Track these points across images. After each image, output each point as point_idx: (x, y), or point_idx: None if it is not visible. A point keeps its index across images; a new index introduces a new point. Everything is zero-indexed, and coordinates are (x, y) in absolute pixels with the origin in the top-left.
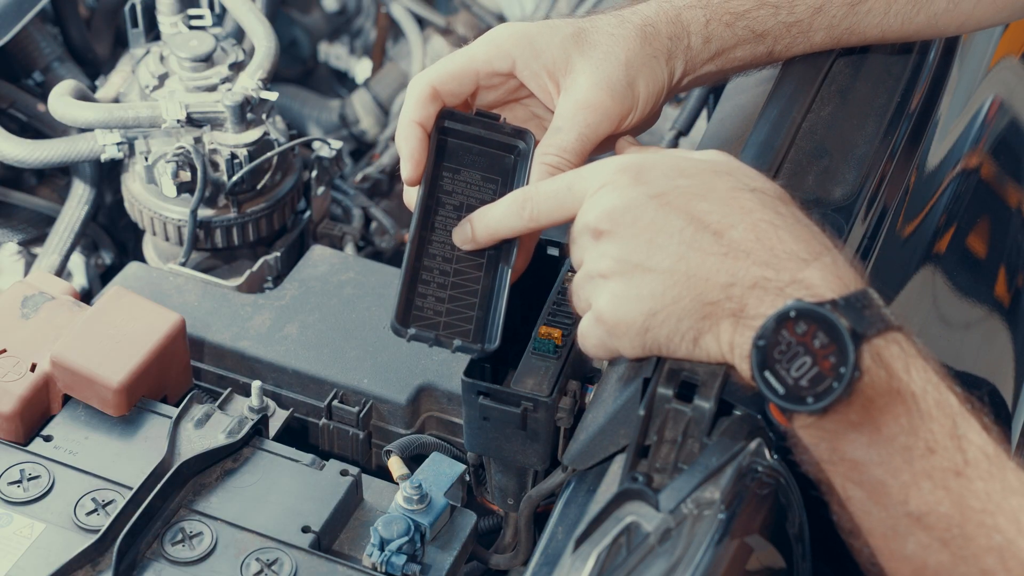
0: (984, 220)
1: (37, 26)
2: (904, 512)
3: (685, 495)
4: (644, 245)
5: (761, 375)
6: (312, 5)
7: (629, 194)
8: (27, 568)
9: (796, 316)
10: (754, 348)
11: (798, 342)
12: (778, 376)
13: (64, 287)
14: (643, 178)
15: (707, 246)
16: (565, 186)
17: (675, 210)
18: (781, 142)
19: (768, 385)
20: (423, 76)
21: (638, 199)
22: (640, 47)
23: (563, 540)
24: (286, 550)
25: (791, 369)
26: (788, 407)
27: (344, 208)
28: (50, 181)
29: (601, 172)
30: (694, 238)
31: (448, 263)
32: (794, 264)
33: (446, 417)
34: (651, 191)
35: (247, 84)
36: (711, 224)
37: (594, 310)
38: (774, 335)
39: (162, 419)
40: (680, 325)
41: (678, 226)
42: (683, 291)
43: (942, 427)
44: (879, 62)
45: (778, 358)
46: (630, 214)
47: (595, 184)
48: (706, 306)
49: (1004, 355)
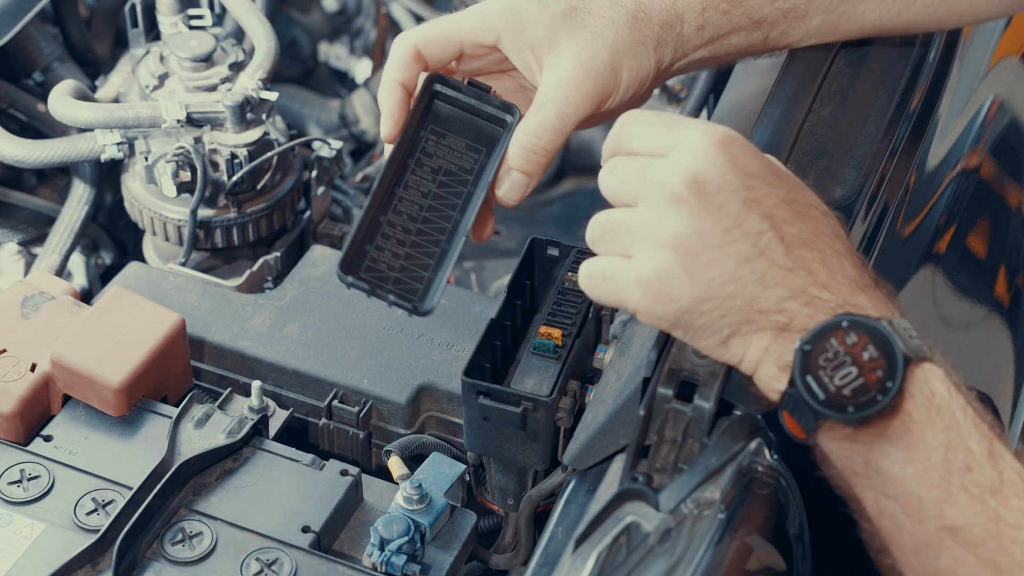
0: (984, 220)
1: (37, 26)
2: (939, 526)
3: (685, 495)
4: (720, 234)
5: (802, 378)
6: (312, 5)
7: (726, 177)
8: (27, 568)
9: (848, 326)
10: (798, 352)
11: (846, 352)
12: (820, 382)
13: (64, 287)
14: (742, 165)
15: (777, 257)
16: (664, 125)
17: (761, 211)
18: (782, 142)
19: (808, 389)
20: (407, 36)
21: (732, 185)
22: (629, 32)
23: (563, 540)
24: (286, 550)
25: (835, 377)
26: (827, 413)
27: (344, 208)
28: (50, 181)
29: (706, 134)
30: (768, 245)
31: (413, 222)
32: (848, 289)
33: (446, 417)
34: (743, 182)
35: (247, 84)
36: (787, 236)
37: (637, 265)
38: (821, 341)
39: (162, 419)
40: (720, 321)
41: (758, 228)
42: (739, 291)
43: (980, 446)
44: (879, 62)
45: (823, 365)
46: (719, 197)
47: (694, 142)
48: (755, 312)
49: (1004, 355)
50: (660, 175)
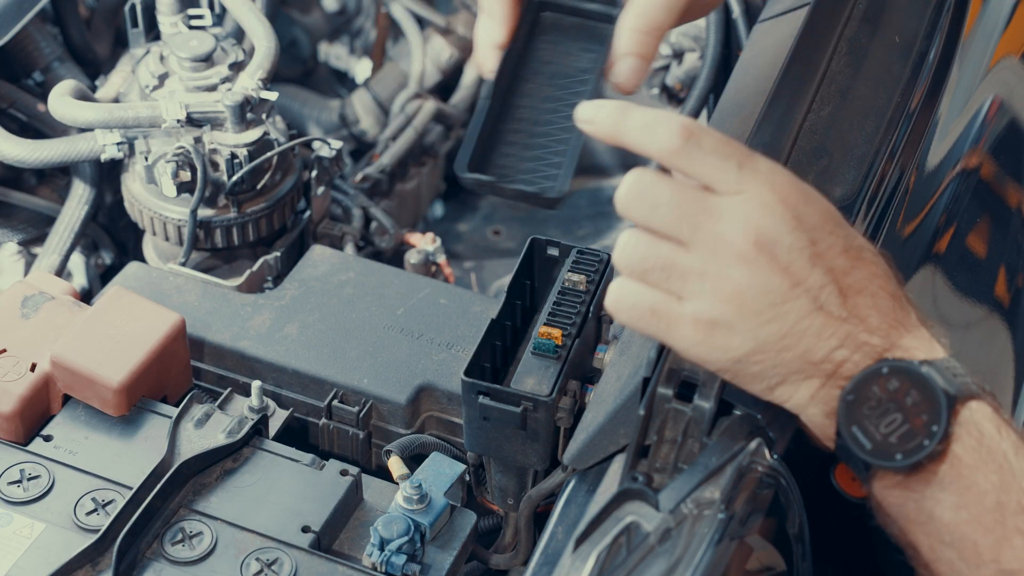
0: (984, 220)
1: (37, 26)
2: (996, 570)
3: (685, 495)
4: (785, 291)
5: (848, 430)
6: (312, 5)
7: (794, 235)
8: (27, 568)
9: (889, 373)
10: (842, 402)
11: (889, 399)
12: (866, 431)
13: (64, 287)
14: (806, 220)
15: (834, 309)
16: (736, 162)
17: (824, 265)
18: (782, 142)
19: (855, 440)
20: None
21: (800, 243)
22: None
23: (563, 540)
24: (286, 550)
25: (880, 425)
26: (876, 463)
27: (344, 208)
28: (50, 181)
29: (773, 187)
30: (827, 298)
31: (535, 126)
32: (896, 332)
33: (446, 417)
34: (809, 237)
35: (247, 84)
36: (844, 286)
37: (692, 311)
38: (864, 390)
39: (162, 419)
40: (771, 371)
41: (820, 283)
42: (794, 343)
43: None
44: (879, 62)
45: (867, 414)
46: (787, 256)
47: (762, 196)
48: (806, 363)
49: (1004, 355)
50: (722, 228)
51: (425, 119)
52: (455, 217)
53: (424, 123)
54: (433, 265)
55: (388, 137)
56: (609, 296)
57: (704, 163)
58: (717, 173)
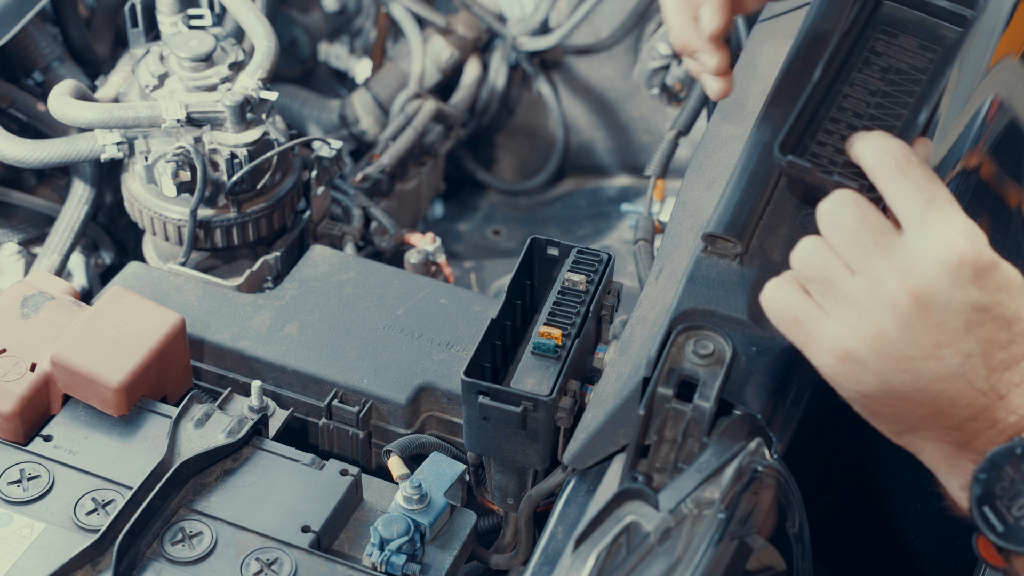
0: (984, 220)
1: (37, 26)
2: None
3: (685, 495)
4: (929, 348)
5: (979, 510)
6: (312, 5)
7: (956, 296)
8: (27, 568)
9: (1022, 453)
10: (975, 481)
11: (1022, 480)
12: (998, 513)
13: (64, 287)
14: (980, 284)
15: (976, 380)
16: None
17: (980, 335)
18: None
19: (986, 521)
20: None
21: (960, 306)
22: None
23: (563, 540)
24: (286, 550)
25: (1012, 507)
26: (1007, 547)
27: (344, 208)
28: (50, 181)
29: (952, 245)
30: (973, 368)
31: (859, 119)
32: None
33: (446, 417)
34: (973, 302)
35: (247, 84)
36: (993, 361)
37: (833, 331)
38: (996, 470)
39: (162, 419)
40: (898, 418)
41: (969, 351)
42: (927, 402)
43: None
44: None
45: (999, 494)
46: (942, 315)
47: (937, 254)
48: (936, 425)
49: None
50: (887, 267)
51: (425, 119)
52: (455, 217)
53: (424, 123)
54: (433, 265)
55: (388, 137)
56: (765, 292)
57: (900, 190)
58: (906, 204)
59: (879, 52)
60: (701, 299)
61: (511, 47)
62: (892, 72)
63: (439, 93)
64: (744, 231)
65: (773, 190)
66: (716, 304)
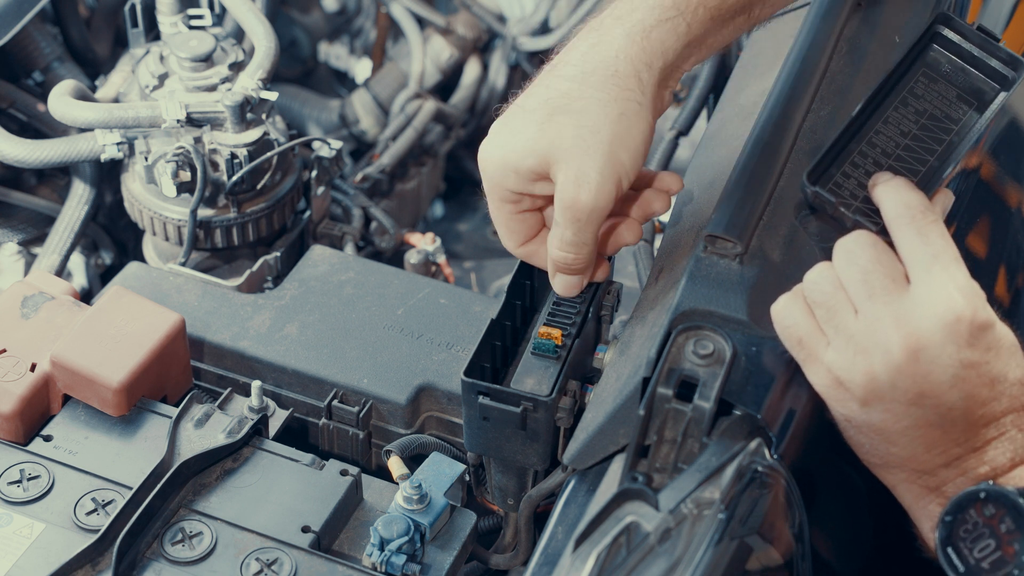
0: (984, 220)
1: (37, 26)
2: None
3: (685, 495)
4: (913, 396)
5: (943, 550)
6: (312, 5)
7: (947, 351)
8: (27, 568)
9: (986, 498)
10: (940, 523)
11: (984, 523)
12: (960, 554)
13: (64, 287)
14: (972, 344)
15: (954, 433)
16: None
17: (964, 390)
18: (782, 142)
19: (949, 561)
20: None
21: (949, 360)
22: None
23: (563, 540)
24: (286, 550)
25: (974, 550)
26: None
27: (344, 208)
28: (50, 181)
29: (954, 289)
30: (952, 421)
31: (886, 157)
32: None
33: (446, 417)
34: (963, 359)
35: (247, 84)
36: (974, 416)
37: (830, 357)
38: (962, 513)
39: (162, 419)
40: (874, 452)
41: (950, 404)
42: (904, 444)
43: None
44: (879, 62)
45: (963, 536)
46: (930, 366)
47: (935, 311)
48: (909, 468)
49: None
50: (886, 312)
51: (425, 119)
52: (455, 217)
53: (424, 123)
54: (433, 265)
55: (388, 137)
56: (776, 305)
57: (910, 243)
58: (914, 256)
59: (918, 95)
60: (701, 299)
61: (511, 47)
62: (926, 117)
63: (439, 93)
64: (744, 231)
65: (773, 190)
66: (716, 304)
